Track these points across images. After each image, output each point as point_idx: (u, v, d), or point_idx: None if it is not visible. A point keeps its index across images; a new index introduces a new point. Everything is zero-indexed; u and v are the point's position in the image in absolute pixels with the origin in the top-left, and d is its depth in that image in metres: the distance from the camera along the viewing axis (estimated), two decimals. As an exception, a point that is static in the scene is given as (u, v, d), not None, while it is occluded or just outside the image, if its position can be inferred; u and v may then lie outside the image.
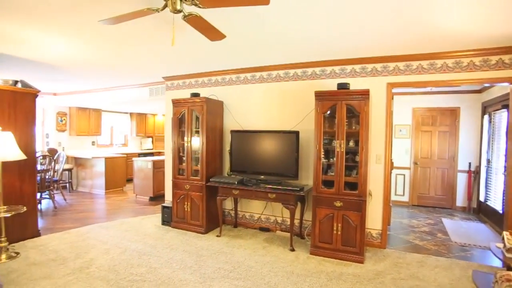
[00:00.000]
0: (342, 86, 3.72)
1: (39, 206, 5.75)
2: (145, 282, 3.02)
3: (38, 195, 5.40)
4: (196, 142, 4.63)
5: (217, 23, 2.80)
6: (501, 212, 4.74)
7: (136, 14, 2.23)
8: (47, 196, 6.25)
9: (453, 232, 4.75)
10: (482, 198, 5.80)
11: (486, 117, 5.76)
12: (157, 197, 6.81)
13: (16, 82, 4.12)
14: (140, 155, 9.94)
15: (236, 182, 4.25)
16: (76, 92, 7.36)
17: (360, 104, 3.54)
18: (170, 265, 3.41)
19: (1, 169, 3.59)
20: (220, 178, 4.40)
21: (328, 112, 3.75)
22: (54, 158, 6.46)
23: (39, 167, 5.53)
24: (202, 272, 3.26)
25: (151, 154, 10.46)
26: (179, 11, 2.13)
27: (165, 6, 2.13)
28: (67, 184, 8.01)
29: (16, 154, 3.58)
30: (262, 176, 4.28)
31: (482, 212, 5.76)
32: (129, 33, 3.25)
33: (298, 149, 4.15)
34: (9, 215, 3.56)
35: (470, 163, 6.16)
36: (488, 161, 5.59)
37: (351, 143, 3.75)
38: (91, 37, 3.42)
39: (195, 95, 4.66)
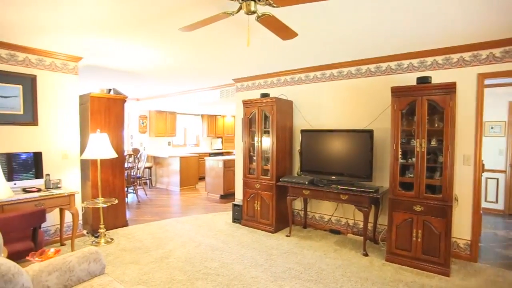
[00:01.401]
0: (423, 80, 3.40)
1: (126, 199, 6.44)
2: (219, 276, 3.16)
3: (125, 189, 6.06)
4: (266, 142, 4.69)
5: (287, 22, 2.79)
6: None
7: (212, 19, 2.34)
8: (132, 191, 6.98)
9: None
10: None
11: None
12: (227, 195, 7.09)
13: (109, 90, 4.70)
14: (210, 154, 10.49)
15: (306, 182, 4.20)
16: (155, 97, 8.10)
17: (445, 99, 3.20)
18: (242, 262, 3.51)
19: (100, 166, 4.12)
20: (291, 178, 4.39)
21: (406, 109, 3.47)
22: (137, 157, 7.19)
23: (125, 164, 6.19)
24: (272, 271, 3.28)
25: (221, 154, 10.96)
26: (253, 12, 2.18)
27: (240, 8, 2.20)
28: (148, 181, 8.83)
29: (110, 153, 4.07)
30: (333, 177, 4.15)
31: None
32: (203, 38, 3.44)
33: (372, 149, 3.92)
34: (106, 205, 4.08)
35: None
36: None
37: (433, 142, 3.41)
38: (170, 45, 3.71)
39: (265, 95, 4.73)
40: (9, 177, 3.52)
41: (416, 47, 3.66)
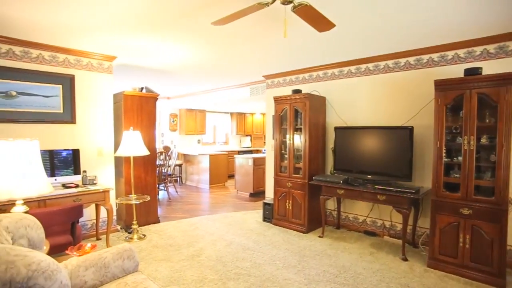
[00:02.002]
0: (472, 72, 3.11)
1: (157, 196, 6.56)
2: (250, 276, 3.08)
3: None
4: (298, 140, 4.56)
5: (323, 12, 2.65)
6: None
7: (246, 11, 2.24)
8: (163, 188, 7.10)
9: None
10: None
11: None
12: (256, 194, 7.02)
13: (142, 88, 4.77)
14: (239, 152, 10.49)
15: (341, 182, 4.02)
16: (185, 95, 8.19)
17: (499, 92, 2.90)
18: (274, 263, 3.41)
19: (133, 163, 4.20)
20: (324, 177, 4.24)
21: (452, 104, 3.20)
22: (168, 154, 7.30)
23: (157, 162, 6.30)
24: (306, 273, 3.16)
25: (250, 151, 10.93)
26: (289, 2, 2.07)
27: (276, -2, 2.09)
28: (178, 178, 8.97)
29: (143, 150, 4.13)
30: (369, 176, 3.94)
31: None
32: (234, 34, 3.36)
33: (412, 146, 3.67)
34: (138, 202, 4.14)
35: None
36: None
37: (483, 140, 3.12)
38: (201, 43, 3.67)
39: (297, 91, 4.59)
40: (51, 173, 3.66)
41: (464, 35, 3.36)
